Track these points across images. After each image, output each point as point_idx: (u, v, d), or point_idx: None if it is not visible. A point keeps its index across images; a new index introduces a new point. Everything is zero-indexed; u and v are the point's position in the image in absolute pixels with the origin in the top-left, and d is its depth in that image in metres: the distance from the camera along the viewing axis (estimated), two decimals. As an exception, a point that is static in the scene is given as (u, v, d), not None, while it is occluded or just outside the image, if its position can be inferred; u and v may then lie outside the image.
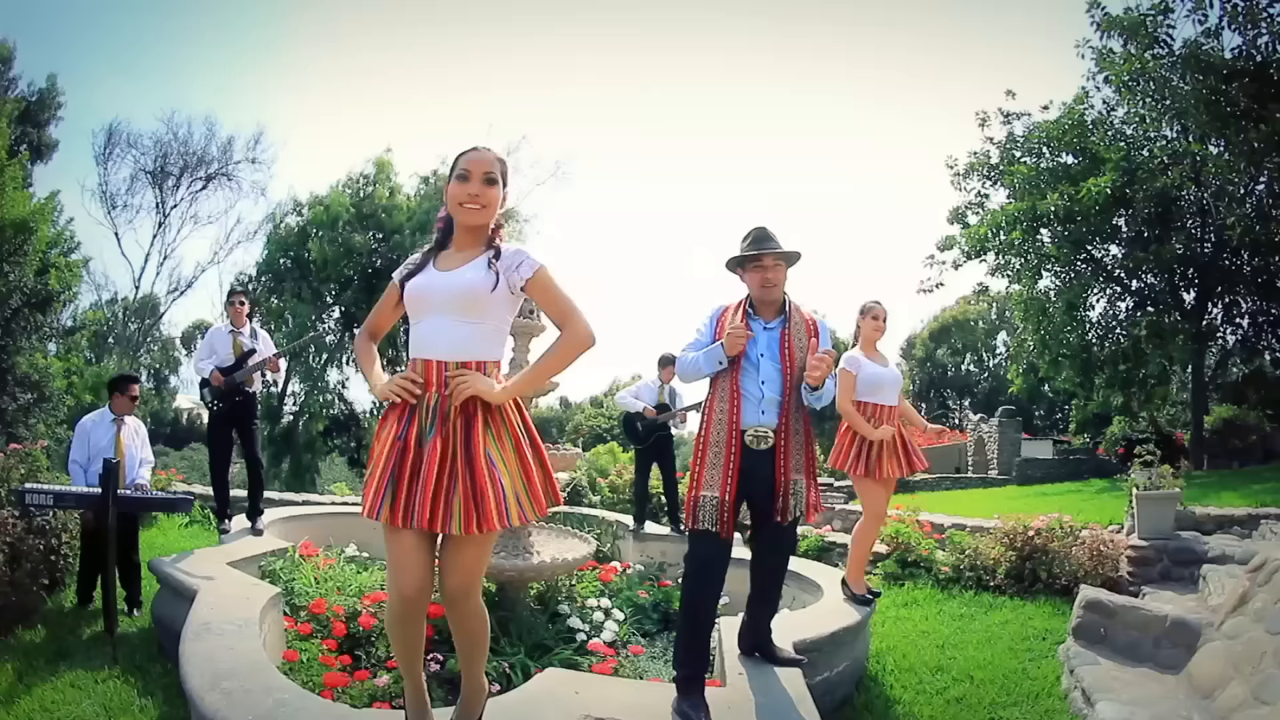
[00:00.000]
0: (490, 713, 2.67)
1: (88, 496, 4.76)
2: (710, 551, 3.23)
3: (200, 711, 2.61)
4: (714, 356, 3.28)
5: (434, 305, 2.42)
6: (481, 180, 2.44)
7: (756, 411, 3.28)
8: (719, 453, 3.24)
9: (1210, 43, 13.82)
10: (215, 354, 5.94)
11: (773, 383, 3.31)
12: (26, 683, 4.01)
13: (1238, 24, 13.19)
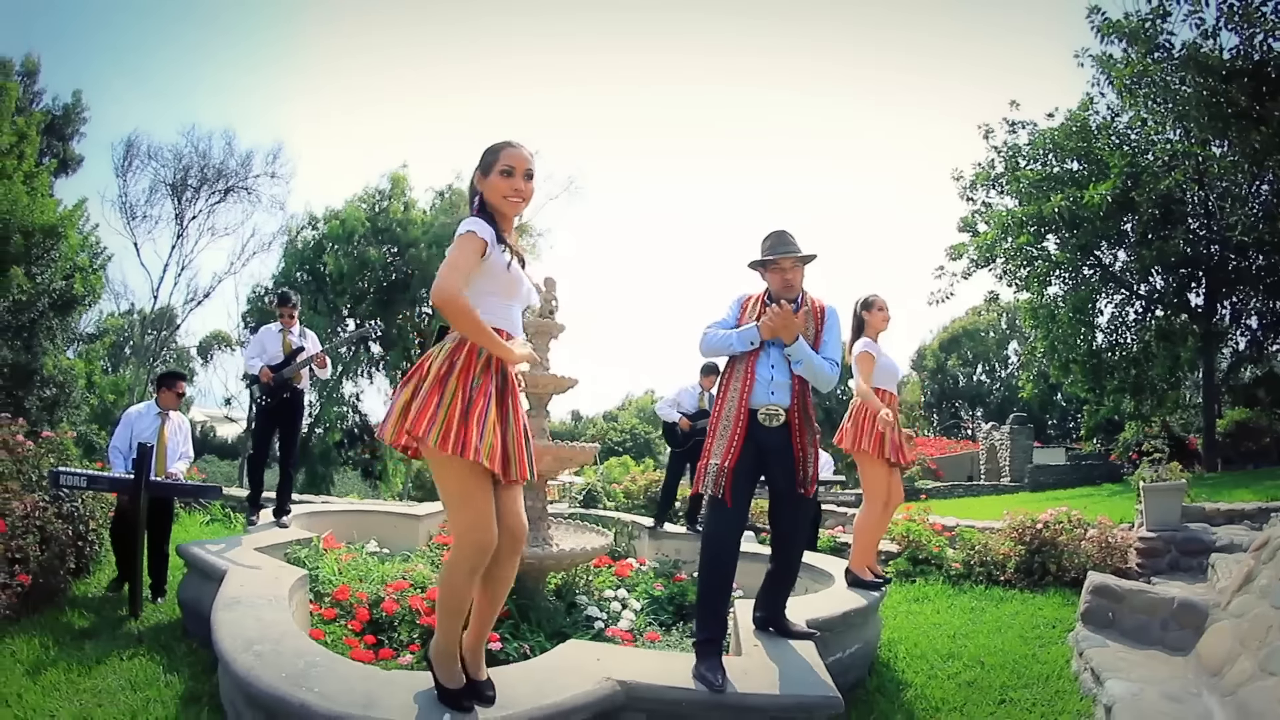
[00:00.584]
0: (516, 677, 2.84)
1: (120, 480, 5.00)
2: (722, 518, 3.47)
3: (233, 671, 2.78)
4: (747, 336, 3.53)
5: (517, 294, 2.74)
6: (523, 176, 2.69)
7: (766, 392, 3.51)
8: (727, 426, 3.49)
9: (1209, 44, 14.02)
10: (265, 351, 6.19)
11: (782, 366, 3.55)
12: (53, 658, 4.21)
13: (1234, 24, 13.39)
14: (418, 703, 2.54)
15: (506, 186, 2.66)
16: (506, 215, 2.75)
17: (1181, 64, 14.11)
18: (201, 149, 25.76)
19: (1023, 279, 18.65)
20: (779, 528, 3.84)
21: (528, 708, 2.56)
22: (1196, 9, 13.90)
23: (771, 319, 3.45)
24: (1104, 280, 18.12)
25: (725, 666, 3.09)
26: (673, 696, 2.88)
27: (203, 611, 4.43)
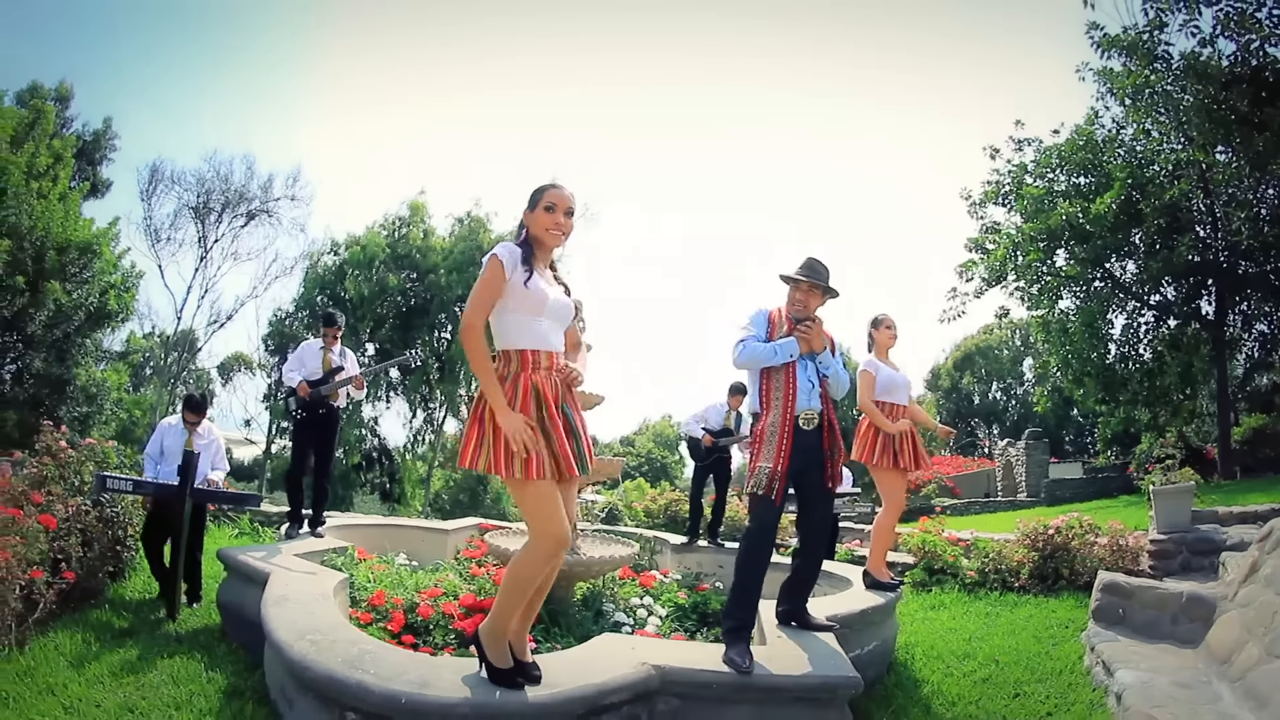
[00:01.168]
0: (558, 663, 3.10)
1: (166, 486, 5.30)
2: (766, 515, 3.78)
3: (289, 657, 3.02)
4: (787, 349, 3.90)
5: (551, 312, 3.03)
6: (564, 213, 3.05)
7: (807, 398, 3.91)
8: (774, 431, 3.81)
9: (1207, 52, 14.26)
10: (304, 366, 6.46)
11: (814, 374, 3.98)
12: (94, 653, 4.46)
13: (1231, 32, 13.64)
14: (468, 683, 2.79)
15: (549, 220, 3.03)
16: (546, 245, 3.10)
17: (1181, 74, 14.37)
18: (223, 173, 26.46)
19: (1034, 295, 18.87)
20: (807, 521, 4.13)
21: (573, 687, 2.82)
22: (1192, 18, 14.20)
23: (807, 333, 3.88)
24: (1114, 292, 18.30)
25: (752, 653, 3.33)
26: (704, 679, 3.13)
27: (244, 613, 4.75)
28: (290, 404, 6.45)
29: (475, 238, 23.82)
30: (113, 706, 3.72)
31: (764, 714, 3.11)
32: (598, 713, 2.84)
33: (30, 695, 3.76)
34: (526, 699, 2.71)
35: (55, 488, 5.41)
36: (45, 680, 3.97)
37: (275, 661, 3.38)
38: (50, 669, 4.14)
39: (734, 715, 3.10)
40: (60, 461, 5.77)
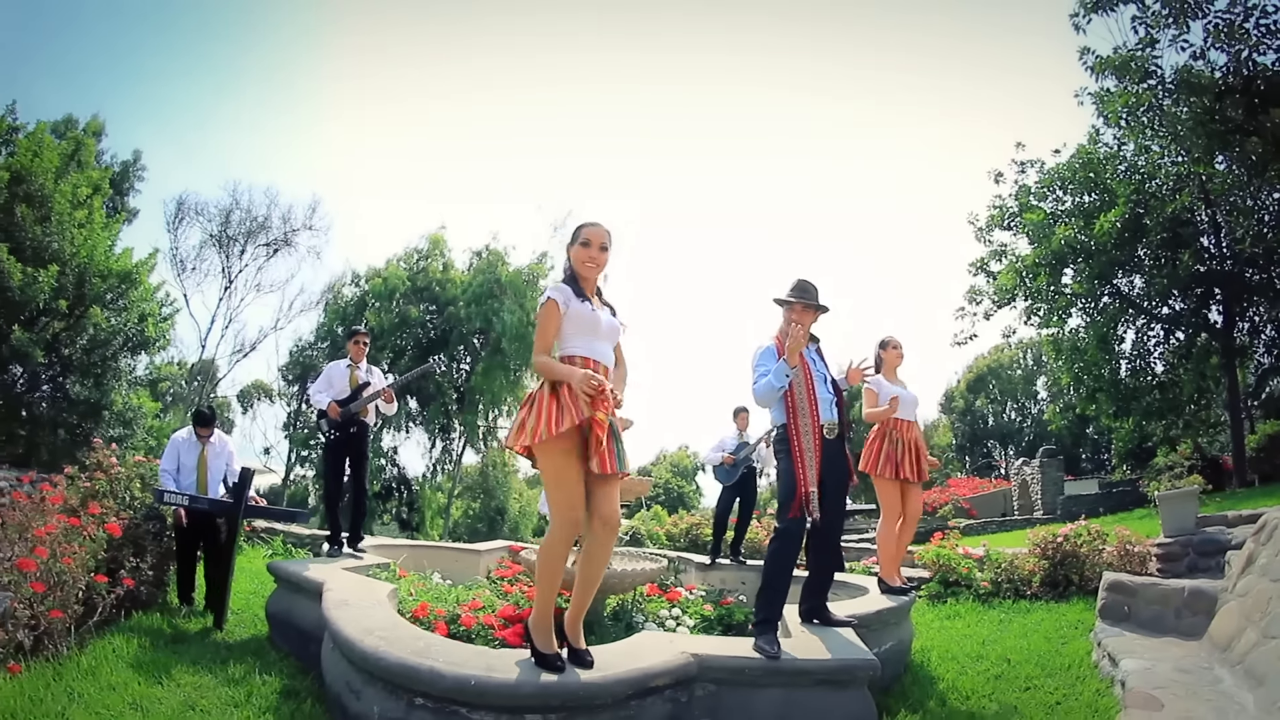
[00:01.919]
0: (608, 652, 3.51)
1: (219, 502, 5.70)
2: (799, 527, 4.20)
3: (361, 650, 3.39)
4: (782, 371, 4.29)
5: (598, 332, 3.52)
6: (598, 248, 3.56)
7: (828, 410, 4.38)
8: (810, 451, 4.23)
9: (1199, 64, 14.74)
10: (332, 386, 6.71)
11: (827, 385, 4.48)
12: (151, 656, 4.82)
13: (1221, 43, 14.12)
14: (527, 668, 3.19)
15: (585, 255, 3.57)
16: (586, 277, 3.62)
17: (1175, 88, 14.86)
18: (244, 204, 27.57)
19: (1043, 315, 19.25)
20: (826, 521, 4.46)
21: (622, 671, 3.22)
22: (1182, 32, 14.68)
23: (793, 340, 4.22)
24: (1123, 307, 18.66)
25: (779, 641, 3.73)
26: (737, 665, 3.52)
27: (292, 622, 5.22)
28: (322, 425, 6.71)
29: (494, 271, 24.47)
30: (175, 704, 4.06)
31: (791, 696, 3.49)
32: (643, 694, 3.22)
33: (95, 692, 4.10)
34: (582, 680, 3.11)
35: (108, 502, 5.85)
36: (108, 679, 4.31)
37: (338, 657, 3.76)
38: (111, 669, 4.48)
39: (764, 698, 3.48)
40: (111, 477, 6.22)
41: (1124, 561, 7.28)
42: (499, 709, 3.01)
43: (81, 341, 9.80)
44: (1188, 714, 3.90)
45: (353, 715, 3.45)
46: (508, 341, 23.64)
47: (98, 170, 11.64)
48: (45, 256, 9.68)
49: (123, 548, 5.56)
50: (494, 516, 27.85)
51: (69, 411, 10.22)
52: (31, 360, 9.16)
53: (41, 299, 9.24)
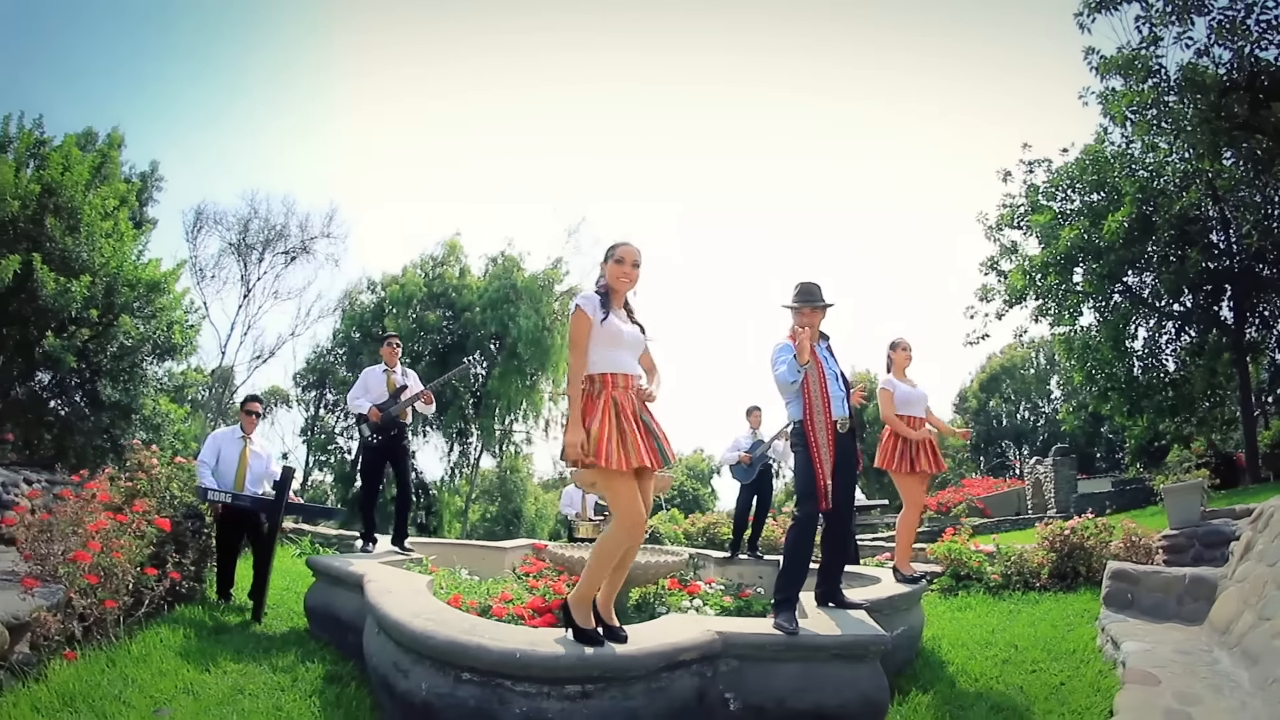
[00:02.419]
0: (640, 630, 3.83)
1: (261, 500, 6.08)
2: (812, 509, 4.51)
3: (410, 630, 3.70)
4: (794, 367, 4.60)
5: (626, 344, 3.86)
6: (630, 264, 3.93)
7: (840, 406, 4.70)
8: (824, 446, 4.55)
9: (1203, 61, 14.98)
10: (369, 392, 7.01)
11: (838, 383, 4.79)
12: (197, 645, 5.18)
13: (1223, 40, 14.35)
14: (561, 642, 3.51)
15: (619, 271, 3.92)
16: (619, 291, 3.97)
17: (1180, 86, 15.09)
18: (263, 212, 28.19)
19: (1054, 314, 19.48)
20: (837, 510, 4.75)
21: (654, 644, 3.54)
22: (1186, 30, 14.91)
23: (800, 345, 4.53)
24: (1134, 305, 18.88)
25: (798, 619, 4.05)
26: (759, 641, 3.84)
27: (332, 613, 5.59)
28: (363, 429, 6.98)
29: (509, 277, 24.96)
30: (224, 689, 4.39)
31: (808, 669, 3.80)
32: (673, 667, 3.53)
33: (148, 677, 4.42)
34: (617, 653, 3.42)
35: (150, 501, 6.20)
36: (158, 666, 4.64)
37: (384, 641, 4.06)
38: (160, 657, 4.82)
39: (784, 671, 3.79)
40: (151, 477, 6.58)
41: (1130, 553, 7.56)
42: (541, 680, 3.32)
43: (112, 348, 10.17)
44: (1183, 689, 4.18)
45: (400, 693, 3.74)
46: (523, 346, 24.08)
47: (124, 184, 12.04)
48: (75, 267, 10.06)
49: (165, 543, 5.91)
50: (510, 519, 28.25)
51: (98, 415, 10.60)
52: (63, 366, 9.53)
53: (74, 307, 9.60)
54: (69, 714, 3.81)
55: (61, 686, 4.09)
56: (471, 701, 3.37)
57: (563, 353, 25.33)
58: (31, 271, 9.33)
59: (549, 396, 26.15)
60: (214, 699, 4.21)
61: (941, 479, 38.07)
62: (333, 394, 25.89)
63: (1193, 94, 14.87)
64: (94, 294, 9.99)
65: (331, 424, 24.99)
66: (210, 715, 3.99)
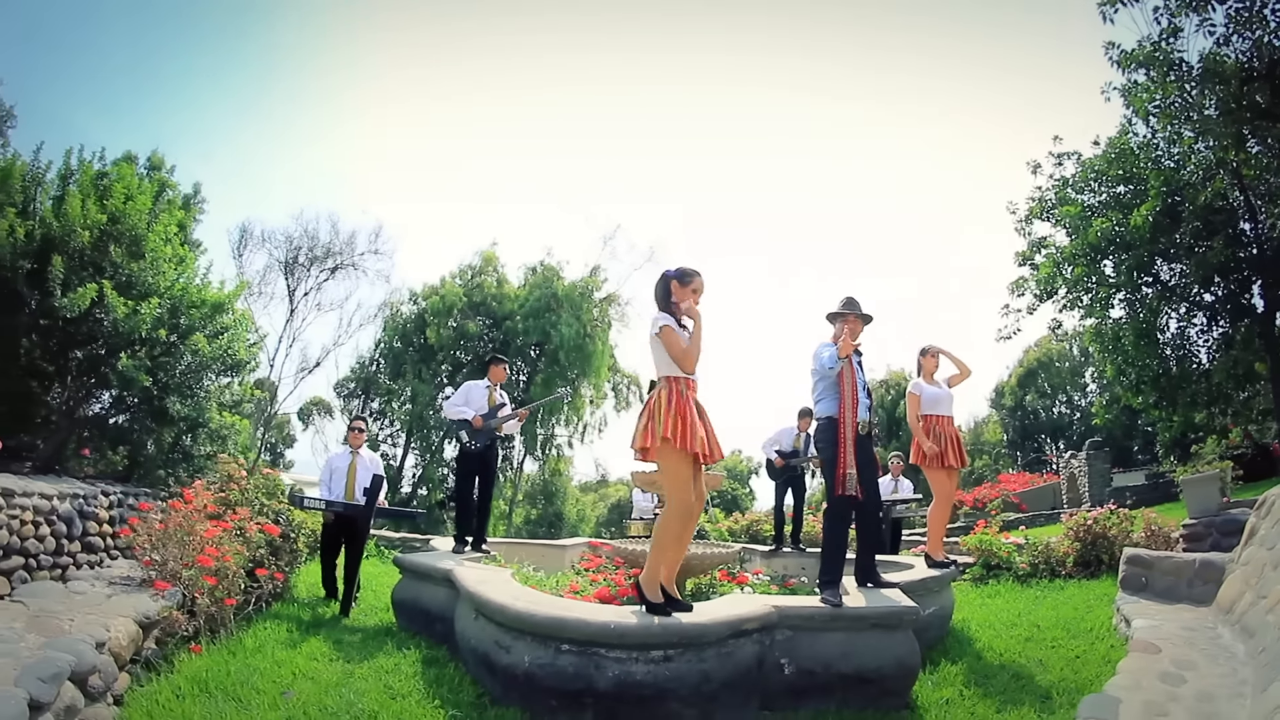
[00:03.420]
0: (706, 606, 4.66)
1: (353, 505, 6.98)
2: (846, 504, 5.34)
3: (514, 611, 4.50)
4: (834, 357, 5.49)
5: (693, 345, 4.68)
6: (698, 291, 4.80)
7: (864, 410, 5.53)
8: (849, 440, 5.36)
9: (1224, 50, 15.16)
10: (470, 403, 7.84)
11: (864, 390, 5.61)
12: (298, 638, 5.99)
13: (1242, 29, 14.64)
14: (640, 615, 4.34)
15: (695, 298, 4.80)
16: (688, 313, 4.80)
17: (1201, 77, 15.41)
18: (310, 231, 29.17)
19: (1085, 305, 19.88)
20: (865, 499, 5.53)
21: (722, 616, 4.35)
22: (1207, 18, 15.09)
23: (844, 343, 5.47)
24: (1164, 296, 19.20)
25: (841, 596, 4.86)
26: (809, 613, 4.66)
27: (419, 605, 6.44)
28: (462, 436, 7.80)
29: (550, 285, 25.93)
30: (336, 673, 5.14)
31: (851, 638, 4.60)
32: (738, 635, 4.34)
33: (267, 666, 5.16)
34: (693, 623, 4.24)
35: (244, 509, 7.09)
36: (273, 656, 5.40)
37: (483, 624, 4.89)
38: (272, 649, 5.59)
39: (830, 639, 4.59)
40: (241, 487, 7.48)
41: (1150, 542, 8.24)
42: (631, 647, 4.13)
43: (180, 366, 11.11)
44: (1181, 657, 4.92)
45: (502, 667, 4.55)
46: (565, 354, 24.99)
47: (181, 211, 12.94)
48: (142, 291, 11.02)
49: (259, 549, 6.80)
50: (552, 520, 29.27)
51: (168, 429, 11.54)
52: (136, 385, 10.42)
53: (144, 329, 10.52)
54: (206, 698, 4.47)
55: (194, 675, 4.77)
56: (571, 669, 4.19)
57: (604, 359, 26.44)
58: (103, 297, 10.24)
59: (590, 401, 27.07)
60: (329, 682, 4.92)
61: (978, 475, 38.66)
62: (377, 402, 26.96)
63: (1214, 84, 15.21)
64: (162, 315, 10.92)
65: (376, 432, 25.98)
66: (330, 696, 4.64)
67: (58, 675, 3.59)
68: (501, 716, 4.33)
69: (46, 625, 4.40)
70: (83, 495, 9.60)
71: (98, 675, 4.05)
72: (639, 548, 6.73)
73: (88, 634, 4.28)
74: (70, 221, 10.64)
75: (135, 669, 4.73)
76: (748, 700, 4.42)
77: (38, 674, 3.47)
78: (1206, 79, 15.36)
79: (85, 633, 4.30)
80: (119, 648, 4.48)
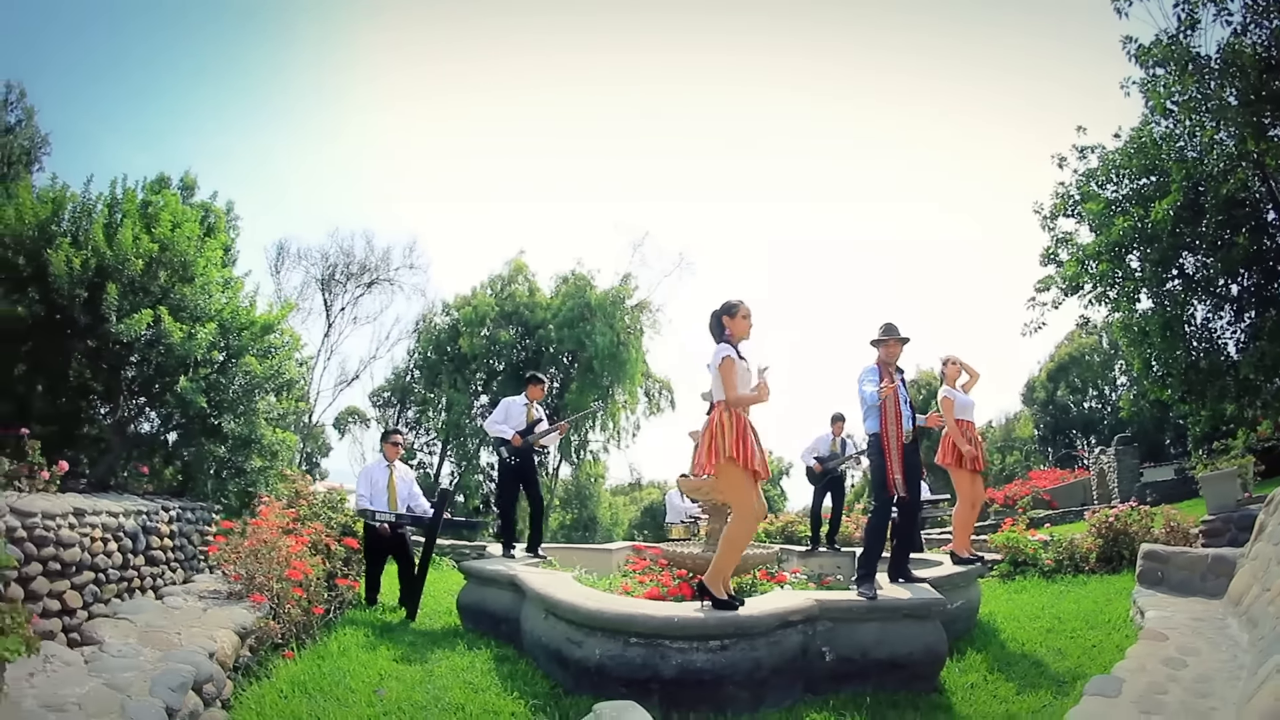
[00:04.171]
0: (755, 601, 5.36)
1: (421, 518, 7.68)
2: (885, 500, 6.19)
3: (586, 610, 5.20)
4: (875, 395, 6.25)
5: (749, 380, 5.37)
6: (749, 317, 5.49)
7: (907, 422, 6.26)
8: (895, 449, 6.14)
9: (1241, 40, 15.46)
10: (509, 419, 8.52)
11: (906, 404, 6.35)
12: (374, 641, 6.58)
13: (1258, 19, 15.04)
14: (701, 610, 5.04)
15: (746, 325, 5.50)
16: (745, 339, 5.52)
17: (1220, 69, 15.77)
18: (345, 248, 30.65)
19: (1111, 300, 20.18)
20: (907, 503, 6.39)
21: (768, 609, 5.06)
22: (1224, 8, 15.52)
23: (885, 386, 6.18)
24: (1189, 289, 19.52)
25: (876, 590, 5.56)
26: (847, 606, 5.37)
27: (485, 609, 7.13)
28: (502, 451, 8.49)
29: (582, 295, 26.86)
30: (418, 673, 5.72)
31: (885, 627, 5.29)
32: (785, 626, 5.04)
33: (355, 668, 5.69)
34: (745, 615, 4.95)
35: (318, 524, 7.81)
36: (357, 659, 5.98)
37: (554, 622, 5.58)
38: (355, 653, 6.12)
39: (866, 629, 5.28)
40: (310, 503, 8.21)
41: (1170, 538, 8.77)
42: (692, 638, 4.83)
43: (234, 386, 11.93)
44: (1186, 644, 5.51)
45: (575, 660, 5.23)
46: (599, 362, 25.83)
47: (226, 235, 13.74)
48: (193, 314, 11.86)
49: (340, 559, 7.54)
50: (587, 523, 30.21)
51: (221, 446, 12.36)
52: (194, 405, 11.24)
53: (199, 352, 11.33)
54: (308, 698, 4.98)
55: (292, 679, 5.30)
56: (638, 659, 4.89)
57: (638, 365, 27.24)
58: (158, 321, 11.06)
59: (624, 406, 27.92)
60: (413, 680, 5.48)
61: (1009, 472, 38.98)
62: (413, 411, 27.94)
63: (1233, 75, 15.55)
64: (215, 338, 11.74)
65: (411, 440, 26.84)
66: (417, 691, 5.20)
67: (183, 684, 4.13)
68: (575, 705, 4.94)
69: (157, 639, 4.94)
70: (145, 512, 10.35)
71: (211, 683, 4.59)
72: (686, 550, 7.44)
73: (198, 645, 4.85)
74: (123, 250, 11.43)
75: (235, 675, 5.22)
76: (793, 684, 5.11)
77: (167, 684, 4.02)
78: (1224, 71, 15.69)
79: (196, 645, 4.86)
80: (224, 657, 5.03)
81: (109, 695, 3.80)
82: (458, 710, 4.95)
